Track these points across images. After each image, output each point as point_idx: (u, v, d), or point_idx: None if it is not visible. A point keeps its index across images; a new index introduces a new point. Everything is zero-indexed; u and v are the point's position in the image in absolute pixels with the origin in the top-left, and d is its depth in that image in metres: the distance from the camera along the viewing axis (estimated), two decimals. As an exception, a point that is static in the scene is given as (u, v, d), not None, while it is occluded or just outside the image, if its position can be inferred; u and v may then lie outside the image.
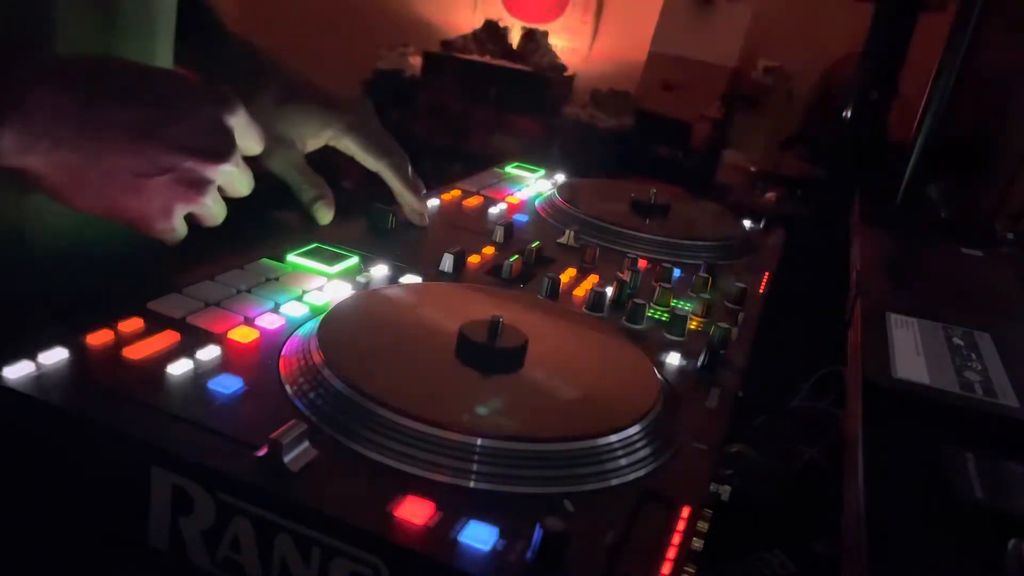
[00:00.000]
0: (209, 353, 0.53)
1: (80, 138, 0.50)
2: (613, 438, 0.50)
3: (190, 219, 0.60)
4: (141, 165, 0.52)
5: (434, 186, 0.97)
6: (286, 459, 0.43)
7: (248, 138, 0.59)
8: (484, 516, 0.43)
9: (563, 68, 2.73)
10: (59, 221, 0.71)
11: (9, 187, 0.68)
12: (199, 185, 0.55)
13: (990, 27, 1.28)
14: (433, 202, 0.94)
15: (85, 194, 0.52)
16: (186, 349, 0.53)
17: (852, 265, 0.94)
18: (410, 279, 0.71)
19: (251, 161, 0.66)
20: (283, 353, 0.55)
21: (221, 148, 0.56)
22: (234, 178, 0.59)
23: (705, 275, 0.80)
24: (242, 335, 0.56)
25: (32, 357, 0.49)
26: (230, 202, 0.83)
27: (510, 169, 1.14)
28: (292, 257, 0.71)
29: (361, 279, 0.69)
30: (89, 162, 0.50)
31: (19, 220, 0.69)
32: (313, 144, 0.80)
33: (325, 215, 0.76)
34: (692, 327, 0.72)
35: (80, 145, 0.50)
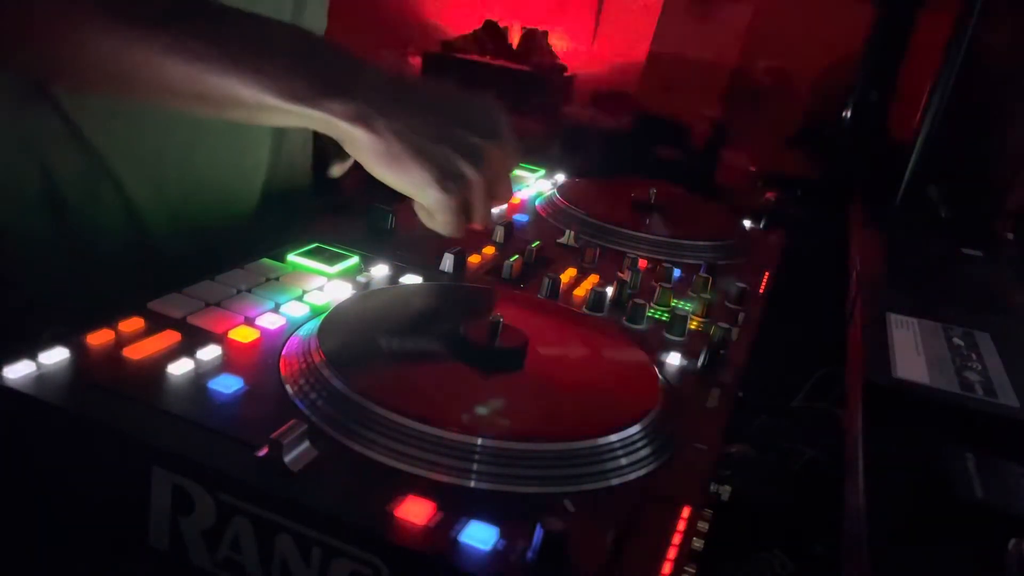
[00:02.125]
0: (210, 353, 0.53)
1: (393, 115, 0.63)
2: (613, 438, 0.50)
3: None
4: (429, 133, 0.64)
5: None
6: (287, 459, 0.43)
7: (515, 145, 0.69)
8: (484, 516, 0.43)
9: (563, 68, 2.73)
10: (59, 221, 0.71)
11: (9, 188, 0.68)
12: (470, 154, 0.65)
13: (990, 26, 1.28)
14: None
15: (386, 158, 0.64)
16: (187, 349, 0.53)
17: (852, 265, 0.94)
18: (410, 279, 0.71)
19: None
20: (284, 353, 0.55)
21: (489, 127, 0.67)
22: (498, 161, 0.67)
23: (705, 275, 0.80)
24: (243, 335, 0.56)
25: (32, 357, 0.49)
26: (231, 202, 0.83)
27: (510, 169, 1.14)
28: (292, 257, 0.71)
29: (361, 279, 0.69)
30: (396, 132, 0.63)
31: (20, 221, 0.69)
32: None
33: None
34: (692, 327, 0.72)
35: (393, 116, 0.63)
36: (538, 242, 0.83)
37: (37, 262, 0.71)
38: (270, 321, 0.59)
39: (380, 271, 0.72)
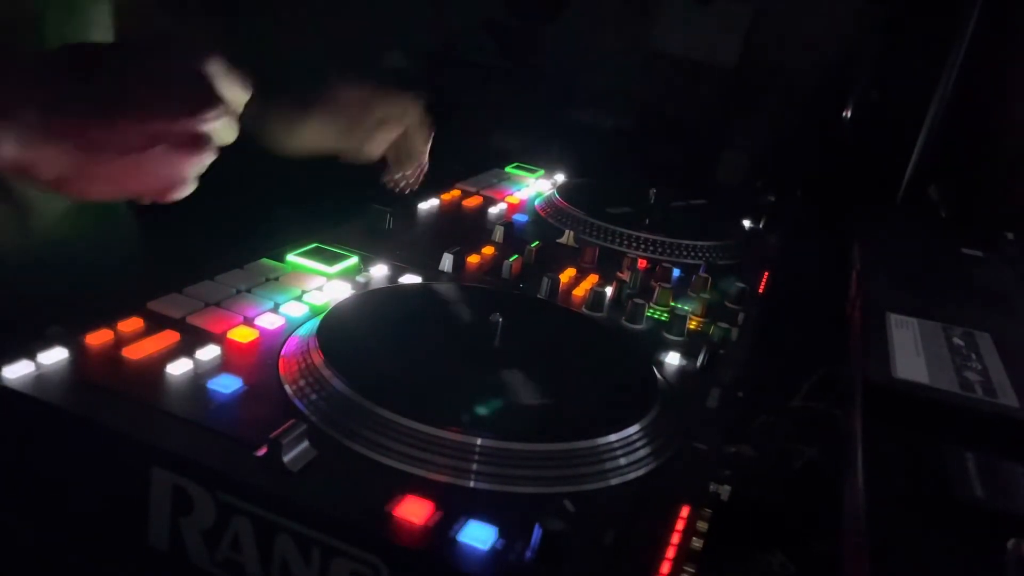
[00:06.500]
0: (209, 353, 0.53)
1: (67, 127, 0.49)
2: (612, 438, 0.50)
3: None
4: (131, 141, 0.50)
5: (434, 186, 0.97)
6: (286, 459, 0.43)
7: (230, 86, 0.55)
8: (483, 516, 0.43)
9: (565, 68, 2.72)
10: (59, 222, 0.71)
11: (8, 188, 0.68)
12: (196, 143, 0.53)
13: (990, 26, 1.28)
14: (433, 202, 0.94)
15: (91, 183, 0.52)
16: (186, 349, 0.53)
17: (852, 265, 0.94)
18: (410, 279, 0.71)
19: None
20: (283, 353, 0.55)
21: (203, 100, 0.52)
22: (222, 128, 0.55)
23: (705, 275, 0.80)
24: (242, 335, 0.56)
25: (32, 357, 0.49)
26: (230, 202, 0.84)
27: (510, 169, 1.14)
28: (292, 257, 0.71)
29: (361, 279, 0.69)
30: (84, 150, 0.50)
31: (19, 221, 0.69)
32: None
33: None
34: (692, 327, 0.72)
35: (70, 134, 0.49)
36: (537, 242, 0.83)
37: (37, 262, 0.71)
38: (269, 321, 0.59)
39: (379, 271, 0.72)
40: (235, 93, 0.55)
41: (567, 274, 0.78)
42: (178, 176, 0.53)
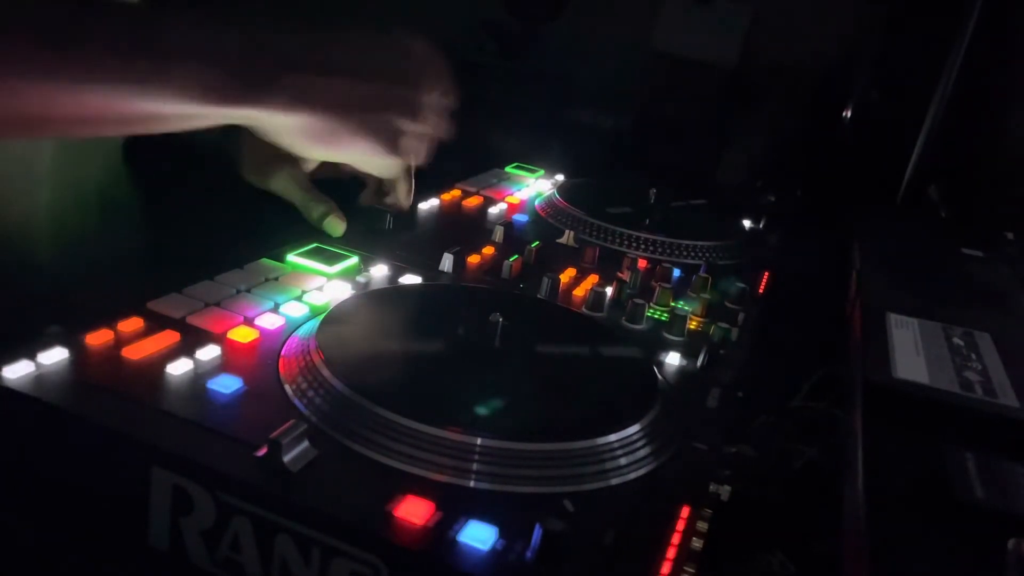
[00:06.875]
0: (209, 353, 0.53)
1: (322, 90, 0.58)
2: (613, 438, 0.50)
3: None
4: (362, 99, 0.61)
5: (434, 186, 0.97)
6: (286, 459, 0.43)
7: (446, 88, 0.66)
8: (483, 516, 0.43)
9: (565, 68, 2.72)
10: (59, 222, 0.71)
11: (9, 187, 0.68)
12: (410, 111, 0.64)
13: (990, 26, 1.28)
14: (433, 202, 0.94)
15: (320, 140, 0.61)
16: (186, 349, 0.53)
17: (852, 265, 0.94)
18: (410, 279, 0.71)
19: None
20: (283, 353, 0.55)
21: (418, 69, 0.64)
22: (436, 104, 0.66)
23: (705, 275, 0.80)
24: (242, 335, 0.56)
25: (32, 357, 0.49)
26: (228, 202, 0.84)
27: (510, 169, 1.14)
28: (292, 257, 0.71)
29: (361, 279, 0.69)
30: (329, 107, 0.59)
31: (20, 221, 0.69)
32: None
33: (337, 228, 0.76)
34: (692, 327, 0.72)
35: (322, 91, 0.58)
36: (537, 242, 0.83)
37: (37, 262, 0.71)
38: (269, 321, 0.59)
39: (379, 271, 0.72)
40: (450, 89, 0.67)
41: (567, 274, 0.78)
42: (393, 139, 0.64)
